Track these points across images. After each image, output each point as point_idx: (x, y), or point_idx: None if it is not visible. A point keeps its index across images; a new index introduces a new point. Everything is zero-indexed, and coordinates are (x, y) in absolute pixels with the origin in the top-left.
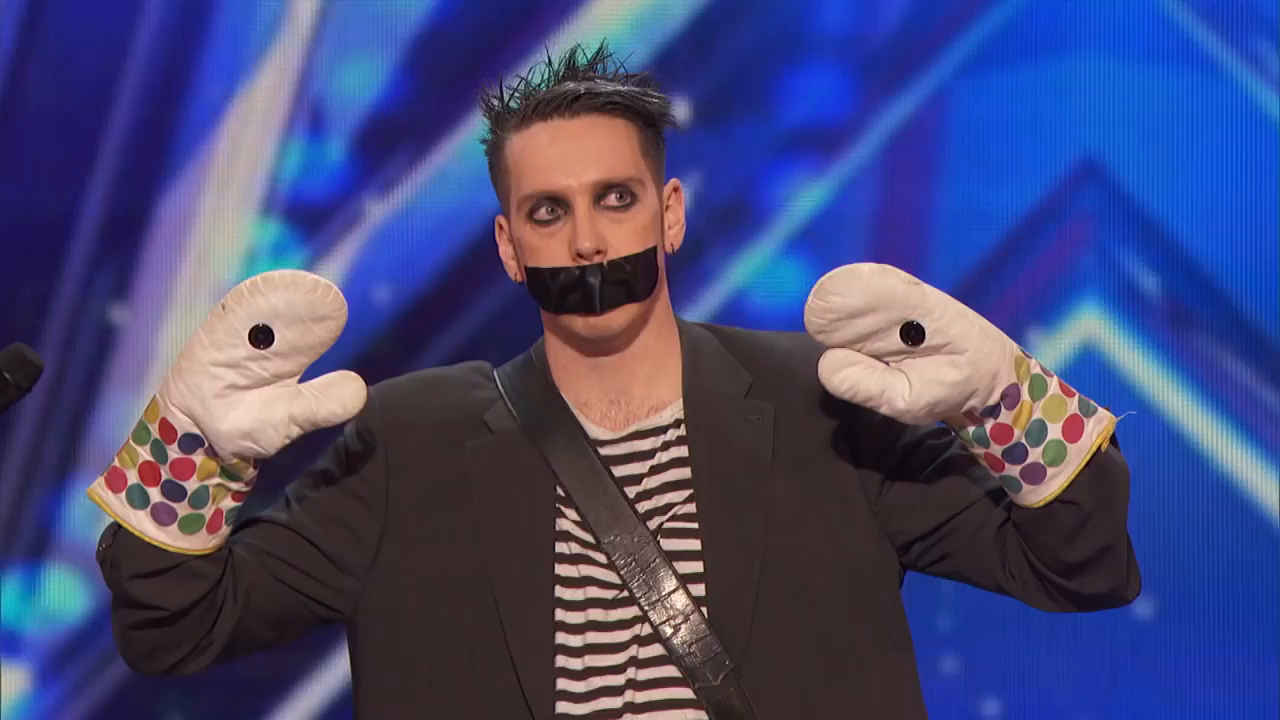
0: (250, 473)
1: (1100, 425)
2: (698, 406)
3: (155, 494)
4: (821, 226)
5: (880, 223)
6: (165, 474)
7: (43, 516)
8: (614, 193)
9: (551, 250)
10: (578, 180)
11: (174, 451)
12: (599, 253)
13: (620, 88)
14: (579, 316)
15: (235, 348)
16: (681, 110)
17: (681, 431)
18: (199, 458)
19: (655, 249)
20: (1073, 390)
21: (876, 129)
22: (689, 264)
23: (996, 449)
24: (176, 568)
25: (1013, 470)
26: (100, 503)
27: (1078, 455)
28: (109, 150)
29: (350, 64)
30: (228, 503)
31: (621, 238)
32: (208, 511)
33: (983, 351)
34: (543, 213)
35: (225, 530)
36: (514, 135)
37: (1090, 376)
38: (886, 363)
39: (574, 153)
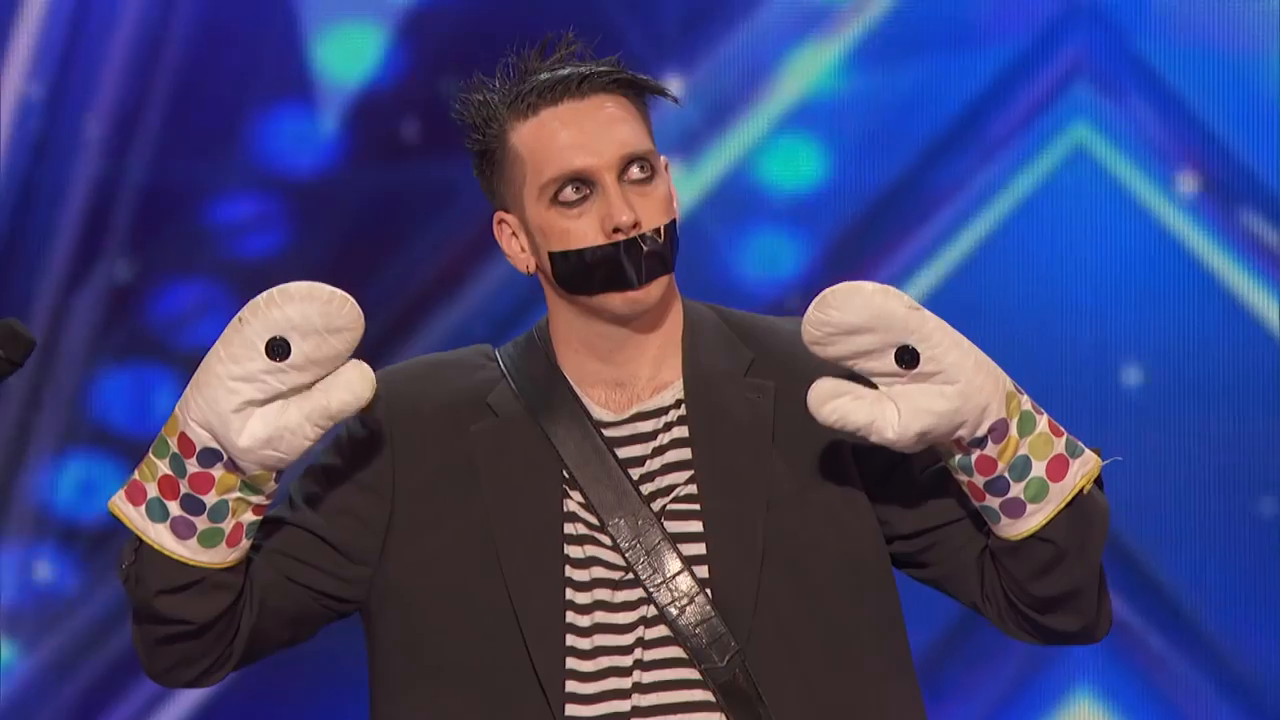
0: (271, 485)
1: (1085, 467)
2: (698, 385)
3: (174, 507)
4: None
5: None
6: (184, 488)
7: None
8: (636, 165)
9: (582, 230)
10: (602, 158)
11: (193, 466)
12: (635, 225)
13: (614, 67)
14: (617, 294)
15: (252, 360)
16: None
17: (682, 411)
18: (218, 472)
19: (675, 219)
20: (1061, 429)
21: None
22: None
23: (979, 479)
24: (201, 581)
25: (993, 502)
26: (120, 516)
27: (1059, 495)
28: None
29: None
30: (248, 516)
31: (650, 209)
32: (227, 526)
33: (974, 384)
34: (567, 194)
35: (245, 544)
36: (521, 125)
37: None
38: (876, 385)
39: (594, 131)
